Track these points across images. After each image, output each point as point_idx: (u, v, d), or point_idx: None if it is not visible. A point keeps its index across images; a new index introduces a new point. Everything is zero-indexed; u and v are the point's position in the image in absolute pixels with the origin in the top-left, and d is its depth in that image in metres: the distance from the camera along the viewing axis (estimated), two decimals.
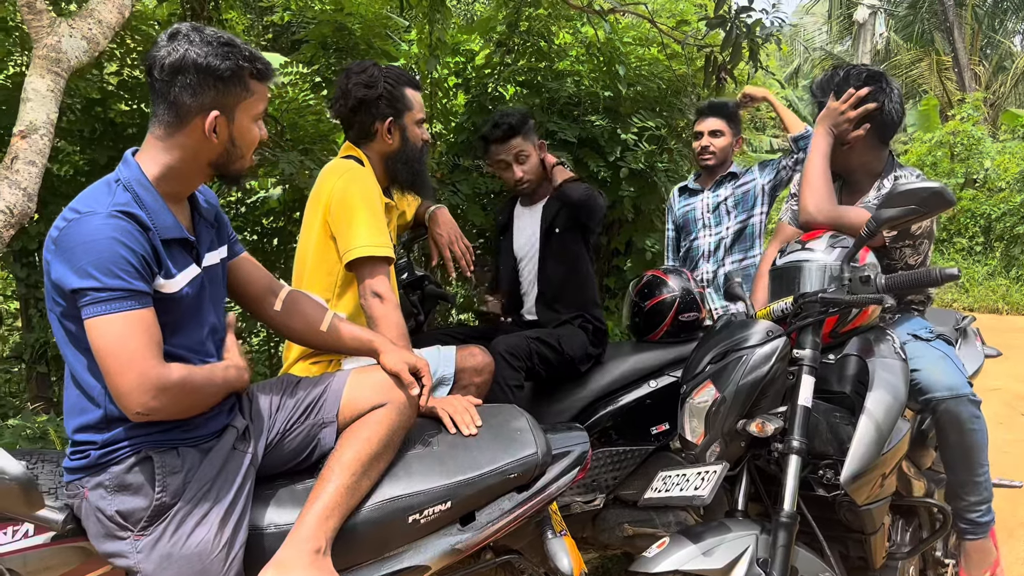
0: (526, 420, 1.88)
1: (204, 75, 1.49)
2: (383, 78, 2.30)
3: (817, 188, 2.34)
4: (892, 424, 1.96)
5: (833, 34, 21.06)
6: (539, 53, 5.47)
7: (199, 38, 1.50)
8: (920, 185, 1.92)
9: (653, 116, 5.37)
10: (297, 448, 1.71)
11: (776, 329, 2.00)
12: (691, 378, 2.07)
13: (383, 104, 2.29)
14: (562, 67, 5.72)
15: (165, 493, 1.46)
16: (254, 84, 1.57)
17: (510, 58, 5.47)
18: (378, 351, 1.80)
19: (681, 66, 5.55)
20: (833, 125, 2.37)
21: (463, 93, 5.66)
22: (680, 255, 3.68)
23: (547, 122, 5.37)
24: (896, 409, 1.98)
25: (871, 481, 1.94)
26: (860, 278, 2.01)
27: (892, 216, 1.95)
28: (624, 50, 5.59)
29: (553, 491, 1.81)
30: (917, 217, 1.95)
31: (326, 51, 5.35)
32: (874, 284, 1.99)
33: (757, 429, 1.90)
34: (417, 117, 2.36)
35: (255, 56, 1.56)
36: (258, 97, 1.59)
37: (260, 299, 1.82)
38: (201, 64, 1.48)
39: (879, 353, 2.09)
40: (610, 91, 5.58)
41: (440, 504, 1.67)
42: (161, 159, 1.53)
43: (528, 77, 5.53)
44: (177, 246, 1.53)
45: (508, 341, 2.56)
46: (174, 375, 1.43)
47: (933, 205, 1.92)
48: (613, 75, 5.37)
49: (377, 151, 2.36)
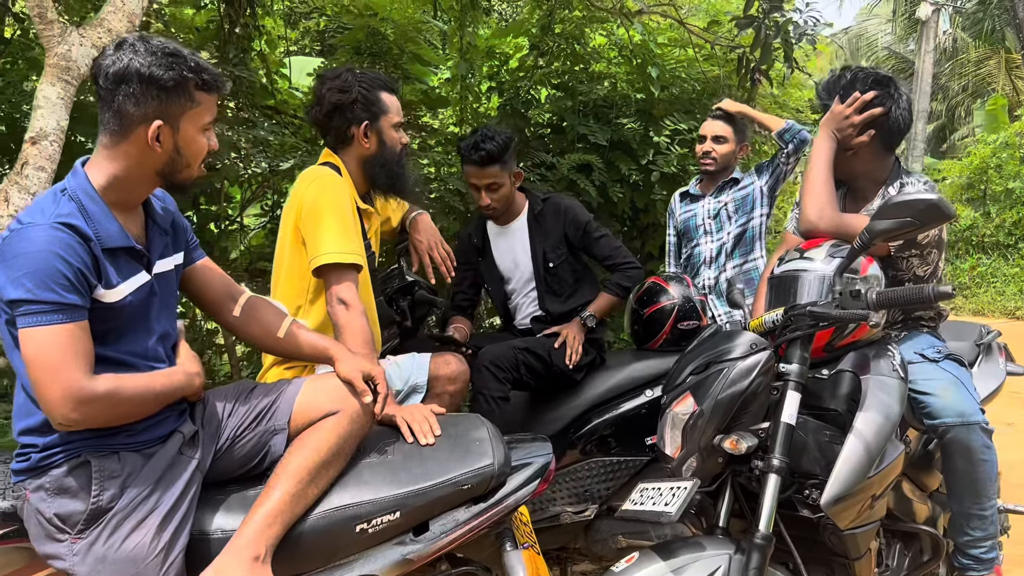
0: (486, 430, 1.82)
1: (147, 85, 1.49)
2: (357, 82, 2.28)
3: (819, 194, 2.23)
4: (881, 445, 1.85)
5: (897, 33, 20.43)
6: (573, 56, 5.42)
7: (144, 48, 1.50)
8: (916, 196, 1.80)
9: (686, 118, 5.26)
10: (248, 454, 1.69)
11: (760, 342, 1.91)
12: (671, 388, 1.99)
13: (358, 108, 2.27)
14: (597, 69, 5.66)
15: (101, 497, 1.46)
16: (200, 95, 1.56)
17: (544, 61, 5.43)
18: (334, 359, 1.78)
19: (714, 68, 5.43)
20: (836, 129, 2.26)
21: (496, 96, 5.64)
22: (682, 261, 3.59)
23: (578, 125, 5.32)
24: (887, 430, 1.87)
25: (855, 504, 1.84)
26: (850, 292, 1.90)
27: (886, 228, 1.84)
28: (658, 52, 5.51)
29: (511, 503, 1.76)
30: (913, 230, 1.83)
31: (360, 56, 5.38)
32: (864, 299, 1.88)
33: (731, 446, 1.81)
34: (394, 121, 2.34)
35: (201, 67, 1.55)
36: (204, 108, 1.59)
37: (219, 304, 1.82)
38: (144, 74, 1.48)
39: (875, 370, 1.98)
40: (643, 93, 5.49)
41: (389, 514, 1.63)
42: (107, 168, 1.53)
43: (562, 80, 5.49)
44: (124, 254, 1.54)
45: (493, 352, 2.51)
46: (99, 387, 1.43)
47: (929, 218, 1.80)
48: (646, 77, 5.29)
49: (355, 156, 2.34)
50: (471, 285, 3.15)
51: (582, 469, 2.68)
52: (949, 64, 19.23)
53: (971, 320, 5.96)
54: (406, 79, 5.56)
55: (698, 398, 1.88)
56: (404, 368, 2.24)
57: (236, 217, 5.26)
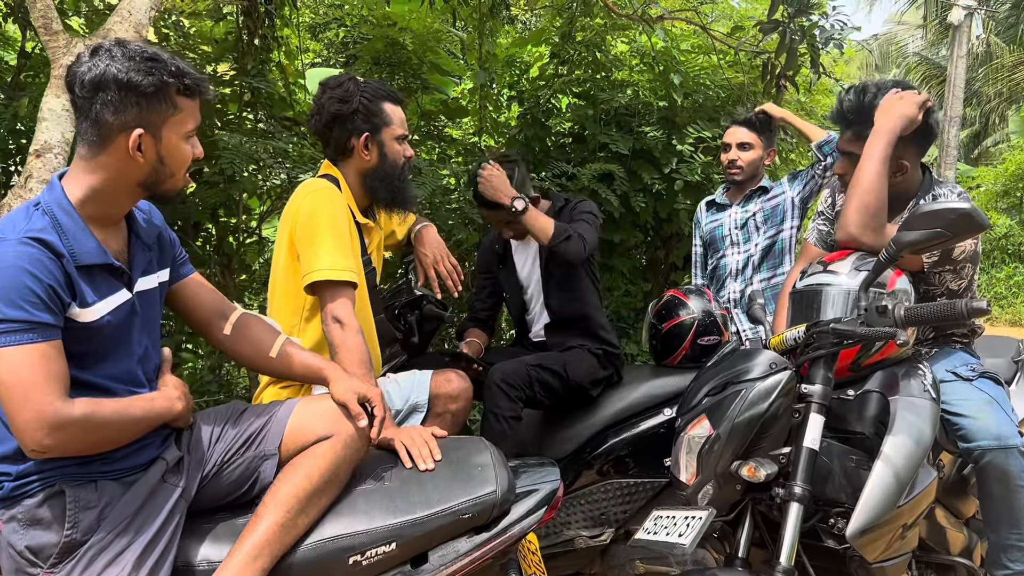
0: (490, 455, 1.73)
1: (126, 91, 1.41)
2: (359, 92, 2.20)
3: (867, 203, 2.02)
4: (912, 472, 1.73)
5: (928, 39, 20.06)
6: (595, 64, 5.35)
7: (121, 53, 1.42)
8: (947, 206, 1.68)
9: (710, 126, 5.17)
10: (236, 481, 1.61)
11: (780, 362, 1.80)
12: (687, 410, 1.89)
13: (359, 119, 2.19)
14: (619, 77, 5.58)
15: (75, 530, 1.39)
16: (181, 101, 1.49)
17: (564, 69, 5.36)
18: (328, 379, 1.70)
19: (738, 74, 5.32)
20: (901, 116, 2.05)
21: (517, 105, 5.58)
22: (707, 273, 3.46)
23: (600, 133, 5.25)
24: (918, 455, 1.75)
25: (884, 536, 1.72)
26: (877, 308, 1.78)
27: (914, 240, 1.72)
28: (681, 59, 5.42)
29: (516, 533, 1.66)
30: (943, 241, 1.71)
31: (379, 66, 5.35)
32: (891, 316, 1.76)
33: (749, 473, 1.71)
34: (397, 133, 2.25)
35: (182, 71, 1.48)
36: (187, 114, 1.51)
37: (208, 323, 1.74)
38: (122, 80, 1.40)
39: (905, 391, 1.86)
40: (665, 101, 5.40)
41: (384, 545, 1.54)
42: (86, 181, 1.46)
43: (583, 88, 5.42)
44: (101, 271, 1.46)
45: (505, 369, 2.41)
46: (75, 412, 1.35)
47: (961, 228, 1.68)
48: (669, 84, 5.20)
49: (355, 168, 2.26)
50: (490, 295, 3.06)
51: (597, 491, 2.58)
52: (983, 70, 18.85)
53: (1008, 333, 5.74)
54: (424, 89, 5.52)
55: (714, 421, 1.78)
56: (404, 386, 2.15)
57: (255, 229, 5.23)
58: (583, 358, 2.63)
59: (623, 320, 5.39)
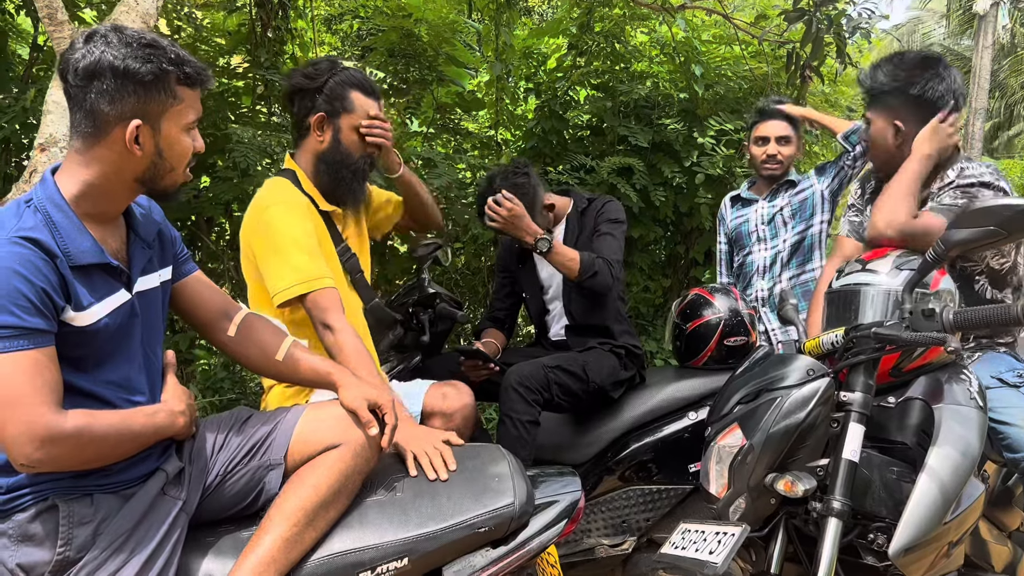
0: (507, 464, 1.64)
1: (122, 80, 1.32)
2: (330, 73, 2.12)
3: (895, 203, 1.98)
4: (960, 486, 1.62)
5: (951, 28, 19.74)
6: (614, 55, 5.24)
7: (117, 39, 1.33)
8: (1002, 202, 1.55)
9: (732, 118, 5.05)
10: (241, 492, 1.52)
11: (818, 367, 1.69)
12: (717, 419, 1.79)
13: (320, 98, 2.11)
14: (639, 69, 5.47)
15: (69, 547, 1.31)
16: (182, 90, 1.40)
17: (582, 60, 5.27)
18: (337, 385, 1.60)
19: (761, 64, 5.19)
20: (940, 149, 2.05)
21: (534, 98, 5.49)
22: (733, 271, 3.35)
23: (619, 126, 5.15)
24: (966, 468, 1.63)
25: (929, 554, 1.61)
26: (923, 311, 1.66)
27: (966, 239, 1.59)
28: (702, 49, 5.31)
29: (535, 547, 1.58)
30: (996, 240, 1.58)
31: (394, 58, 5.28)
32: (939, 319, 1.64)
33: (786, 488, 1.60)
34: (358, 123, 2.15)
35: (183, 59, 1.39)
36: (188, 104, 1.42)
37: (212, 324, 1.65)
38: (119, 67, 1.31)
39: (950, 398, 1.74)
40: (686, 92, 5.29)
41: (395, 560, 1.46)
42: (80, 175, 1.37)
43: (602, 80, 5.31)
44: (98, 271, 1.37)
45: (522, 371, 2.31)
46: (68, 424, 1.27)
47: (1017, 227, 1.55)
48: (690, 76, 5.09)
49: (311, 152, 2.17)
50: (508, 295, 2.96)
51: (619, 498, 2.49)
52: (1007, 60, 18.54)
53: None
54: (440, 81, 5.44)
55: (747, 431, 1.68)
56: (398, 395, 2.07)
57: None
58: (604, 359, 2.53)
59: (642, 317, 5.30)
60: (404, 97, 5.45)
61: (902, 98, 2.08)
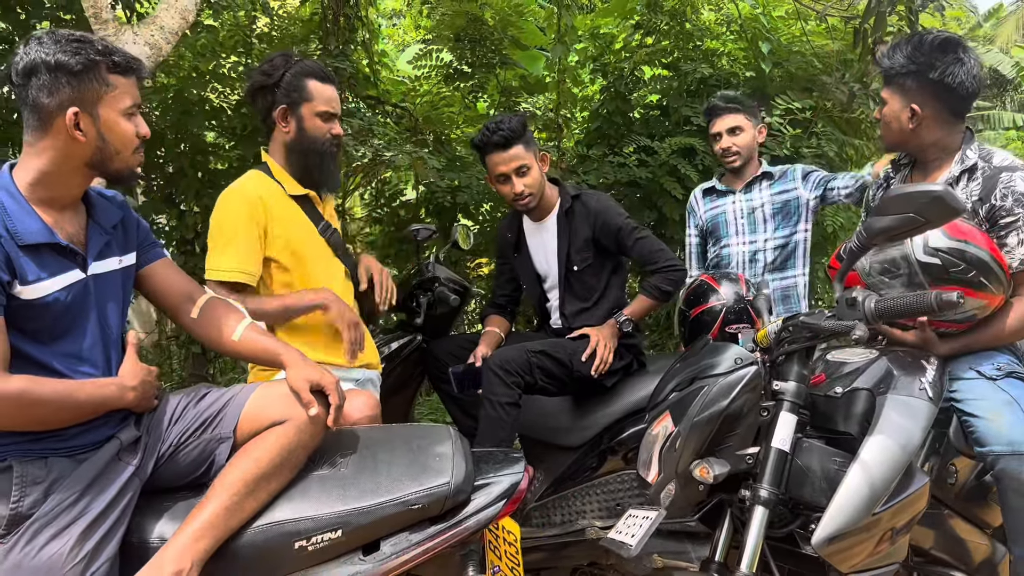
0: (451, 444, 1.72)
1: (55, 72, 1.49)
2: (285, 68, 2.27)
3: None
4: (890, 477, 1.61)
5: None
6: (682, 33, 5.16)
7: (49, 39, 1.51)
8: (920, 189, 1.53)
9: (801, 97, 4.90)
10: (194, 462, 1.66)
11: (747, 357, 1.71)
12: (653, 406, 1.83)
13: (279, 93, 2.27)
14: (711, 47, 5.38)
15: (21, 503, 1.46)
16: (114, 78, 1.55)
17: (650, 40, 5.21)
18: (285, 364, 1.73)
19: (828, 41, 5.00)
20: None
21: (601, 79, 5.48)
22: (707, 264, 3.31)
23: (683, 106, 5.09)
24: (900, 459, 1.62)
25: (857, 544, 1.61)
26: (847, 300, 1.65)
27: (887, 227, 1.58)
28: (771, 26, 5.16)
29: (472, 525, 1.64)
30: (916, 227, 1.56)
31: (460, 42, 5.38)
32: (860, 308, 1.63)
33: (701, 474, 1.63)
34: (319, 109, 2.28)
35: (111, 49, 1.54)
36: (123, 91, 1.57)
37: (177, 307, 1.81)
38: (50, 62, 1.48)
39: (897, 388, 1.72)
40: (753, 70, 5.16)
41: (330, 531, 1.57)
42: (34, 165, 1.54)
43: (672, 59, 5.25)
44: (48, 251, 1.52)
45: (503, 355, 2.40)
46: (10, 387, 1.42)
47: (934, 214, 1.53)
48: (757, 53, 4.97)
49: (280, 143, 2.34)
50: (508, 280, 3.02)
51: (614, 481, 2.54)
52: None
53: None
54: (503, 64, 5.50)
55: (676, 418, 1.72)
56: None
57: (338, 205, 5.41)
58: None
59: None
60: (469, 81, 5.55)
61: (921, 81, 2.03)
